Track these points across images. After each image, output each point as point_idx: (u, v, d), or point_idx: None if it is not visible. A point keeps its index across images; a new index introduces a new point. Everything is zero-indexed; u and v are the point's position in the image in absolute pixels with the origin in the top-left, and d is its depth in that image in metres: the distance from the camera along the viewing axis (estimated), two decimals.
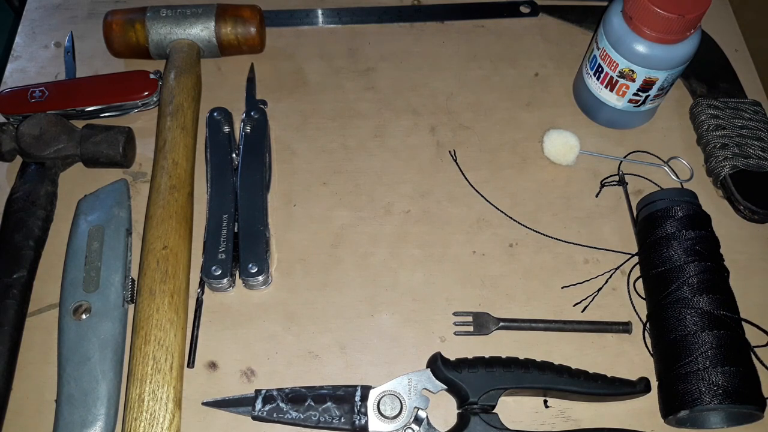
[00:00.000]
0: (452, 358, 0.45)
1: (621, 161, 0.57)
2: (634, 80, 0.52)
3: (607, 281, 0.51)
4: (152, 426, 0.42)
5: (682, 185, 0.56)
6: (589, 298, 0.50)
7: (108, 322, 0.46)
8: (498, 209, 0.54)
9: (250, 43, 0.60)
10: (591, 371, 0.45)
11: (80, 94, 0.57)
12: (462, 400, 0.44)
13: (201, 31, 0.58)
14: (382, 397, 0.44)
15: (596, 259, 0.52)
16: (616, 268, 0.51)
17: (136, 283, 0.48)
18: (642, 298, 0.50)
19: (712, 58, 0.61)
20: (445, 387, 0.44)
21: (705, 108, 0.57)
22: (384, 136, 0.58)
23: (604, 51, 0.52)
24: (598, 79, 0.55)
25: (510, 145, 0.58)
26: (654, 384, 0.46)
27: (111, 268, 0.48)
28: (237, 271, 0.50)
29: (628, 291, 0.51)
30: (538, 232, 0.53)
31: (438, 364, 0.44)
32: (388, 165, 0.56)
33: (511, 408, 0.45)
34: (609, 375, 0.45)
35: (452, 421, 0.45)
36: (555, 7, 0.66)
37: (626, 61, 0.51)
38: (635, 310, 0.50)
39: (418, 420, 0.43)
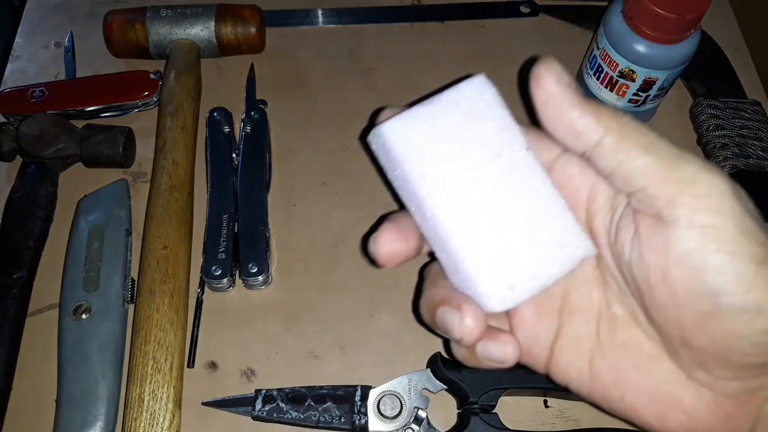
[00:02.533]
0: (452, 358, 0.45)
1: None
2: (634, 80, 0.52)
3: None
4: (152, 426, 0.42)
5: None
6: None
7: (108, 322, 0.46)
8: None
9: (250, 43, 0.60)
10: None
11: (80, 94, 0.57)
12: (462, 400, 0.44)
13: (201, 31, 0.58)
14: (382, 397, 0.44)
15: None
16: None
17: (136, 283, 0.48)
18: None
19: (712, 58, 0.61)
20: (445, 387, 0.44)
21: (705, 108, 0.57)
22: None
23: (604, 51, 0.52)
24: (598, 79, 0.55)
25: None
26: None
27: (111, 268, 0.48)
28: (237, 271, 0.50)
29: None
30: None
31: (438, 364, 0.44)
32: None
33: (511, 408, 0.45)
34: None
35: (452, 421, 0.45)
36: (555, 7, 0.66)
37: (626, 61, 0.51)
38: None
39: (418, 420, 0.43)
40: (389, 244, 0.30)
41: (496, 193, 0.28)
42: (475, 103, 0.28)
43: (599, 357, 0.30)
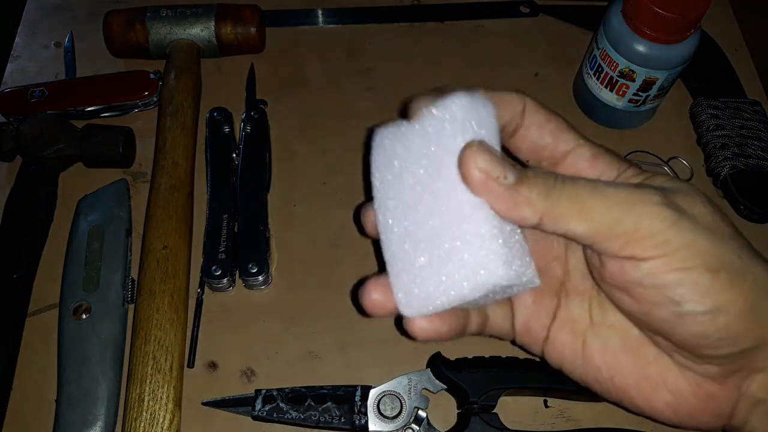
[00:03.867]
0: (452, 358, 0.45)
1: None
2: (634, 80, 0.52)
3: None
4: (152, 426, 0.42)
5: None
6: None
7: (108, 322, 0.46)
8: None
9: (250, 43, 0.60)
10: None
11: (80, 94, 0.57)
12: (462, 400, 0.44)
13: (201, 31, 0.58)
14: (381, 397, 0.44)
15: None
16: None
17: (136, 283, 0.48)
18: None
19: (712, 58, 0.61)
20: (445, 387, 0.44)
21: (705, 108, 0.57)
22: None
23: (604, 51, 0.52)
24: (598, 79, 0.55)
25: None
26: None
27: (111, 268, 0.48)
28: (237, 271, 0.50)
29: None
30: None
31: (438, 364, 0.44)
32: None
33: (511, 408, 0.46)
34: None
35: (452, 421, 0.45)
36: (555, 7, 0.66)
37: (626, 61, 0.51)
38: None
39: (418, 420, 0.43)
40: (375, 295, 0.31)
41: (432, 209, 0.29)
42: (449, 122, 0.29)
43: (592, 338, 0.32)
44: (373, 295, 0.30)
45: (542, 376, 0.44)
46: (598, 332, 0.32)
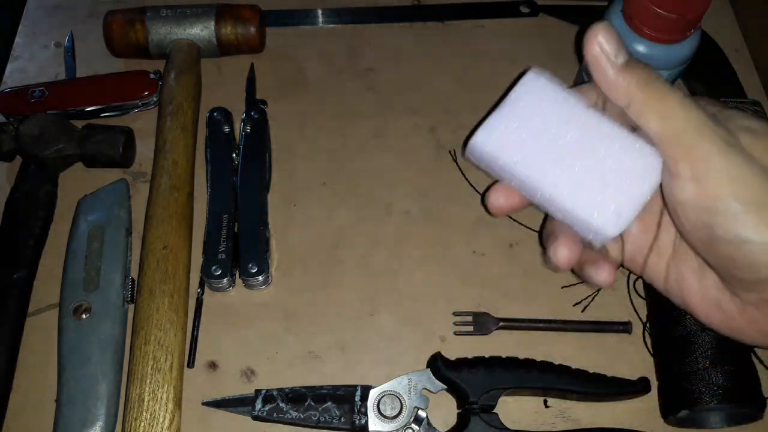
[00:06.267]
0: (452, 358, 0.45)
1: None
2: None
3: None
4: (152, 426, 0.42)
5: None
6: (589, 298, 0.50)
7: (108, 322, 0.46)
8: None
9: (250, 43, 0.60)
10: (591, 371, 0.45)
11: (80, 94, 0.57)
12: (462, 400, 0.44)
13: (201, 31, 0.58)
14: (382, 397, 0.44)
15: None
16: None
17: (136, 283, 0.48)
18: (642, 297, 0.50)
19: (712, 58, 0.61)
20: (445, 387, 0.44)
21: None
22: (384, 136, 0.58)
23: None
24: None
25: None
26: (654, 384, 0.46)
27: (111, 268, 0.48)
28: (237, 271, 0.50)
29: (628, 291, 0.51)
30: (539, 232, 0.53)
31: (438, 364, 0.44)
32: (388, 165, 0.56)
33: (511, 408, 0.45)
34: (609, 375, 0.45)
35: (452, 421, 0.45)
36: (555, 7, 0.66)
37: None
38: (635, 310, 0.50)
39: (418, 420, 0.43)
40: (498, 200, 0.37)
41: (577, 150, 0.33)
42: (534, 94, 0.35)
43: (672, 262, 0.37)
44: (500, 200, 0.36)
45: (542, 376, 0.44)
46: (677, 257, 0.36)
